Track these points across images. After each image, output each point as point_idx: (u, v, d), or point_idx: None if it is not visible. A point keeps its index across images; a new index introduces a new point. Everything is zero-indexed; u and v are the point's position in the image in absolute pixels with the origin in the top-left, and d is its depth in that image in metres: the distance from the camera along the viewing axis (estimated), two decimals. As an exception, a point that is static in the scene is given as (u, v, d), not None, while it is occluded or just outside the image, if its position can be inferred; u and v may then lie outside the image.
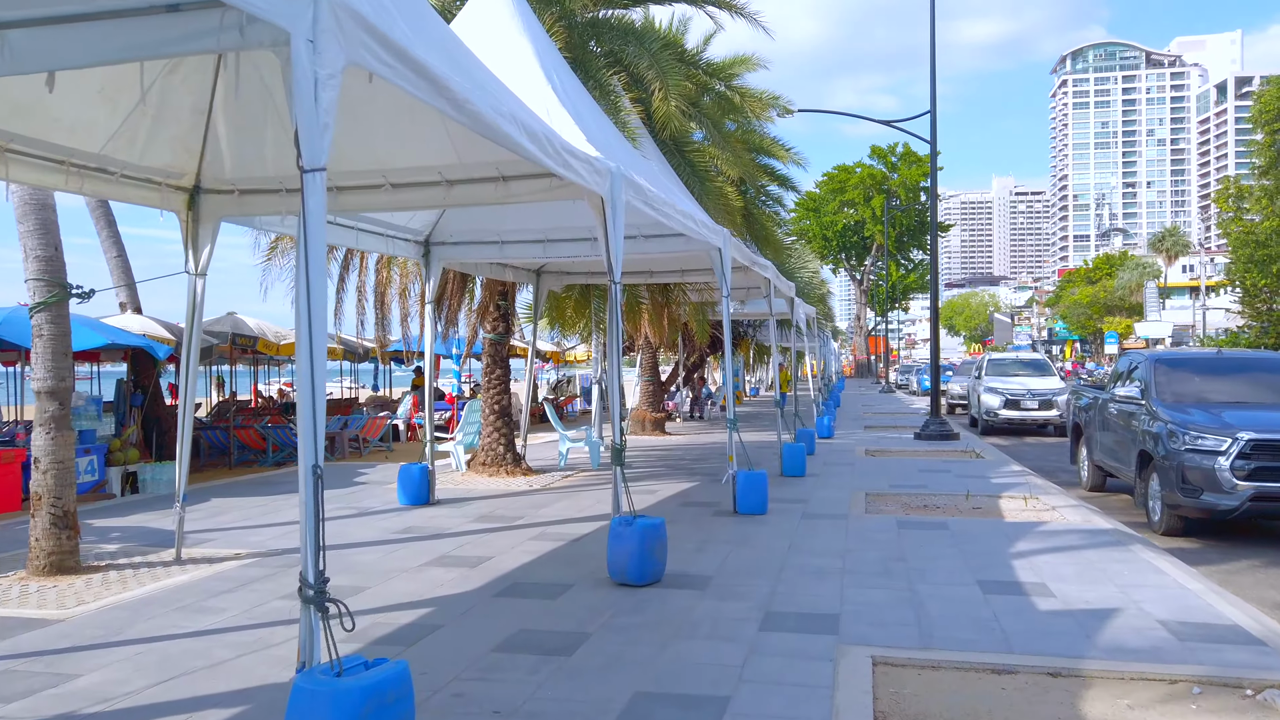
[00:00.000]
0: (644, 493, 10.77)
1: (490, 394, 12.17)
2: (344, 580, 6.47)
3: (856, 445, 17.05)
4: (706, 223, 8.96)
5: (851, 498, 10.34)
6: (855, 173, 79.73)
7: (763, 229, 18.46)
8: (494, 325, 12.21)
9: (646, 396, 19.64)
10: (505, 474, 11.96)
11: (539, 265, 12.85)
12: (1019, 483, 11.63)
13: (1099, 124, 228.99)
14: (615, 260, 6.42)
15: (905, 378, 53.85)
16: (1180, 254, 76.38)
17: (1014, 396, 21.01)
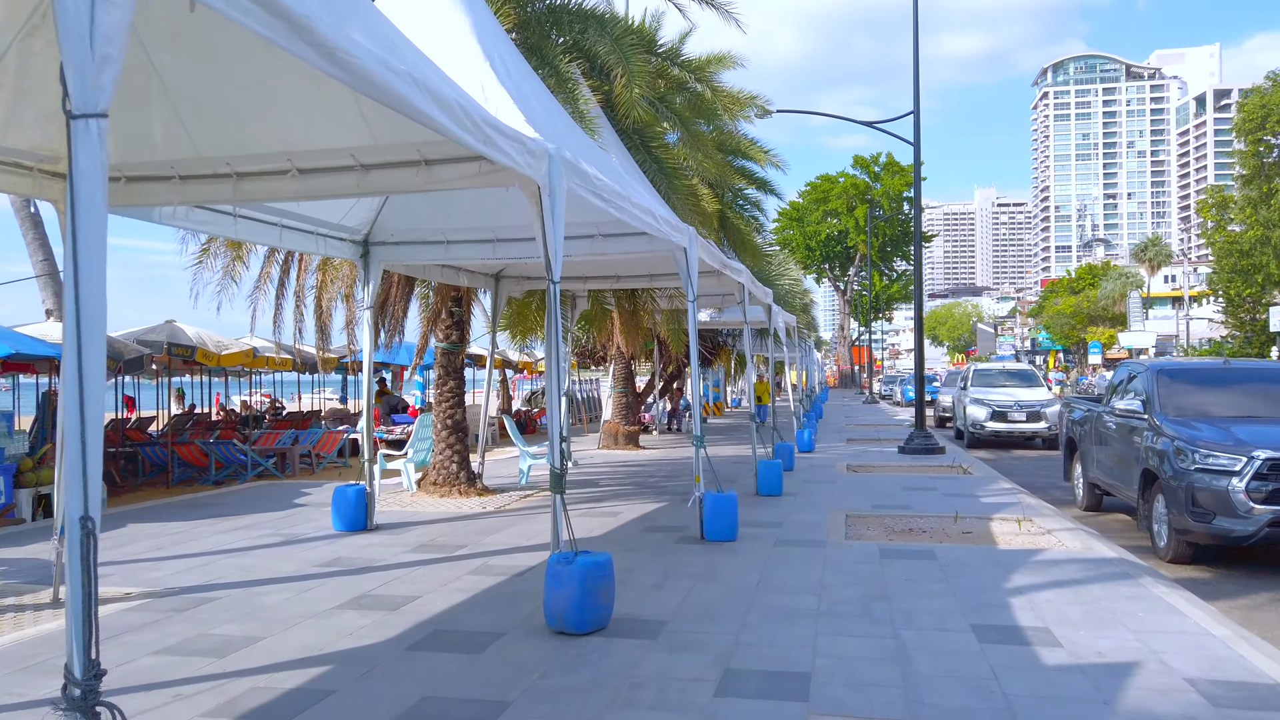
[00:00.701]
0: (605, 515, 9.90)
1: (442, 407, 11.27)
2: (238, 628, 5.56)
3: (838, 460, 16.24)
4: (670, 220, 8.13)
5: (830, 520, 9.50)
6: (838, 182, 79.38)
7: (740, 234, 17.67)
8: (446, 333, 11.32)
9: (619, 409, 18.77)
10: (458, 494, 11.05)
11: (497, 269, 11.99)
12: (1010, 502, 10.83)
13: (1080, 135, 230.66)
14: (554, 257, 5.57)
15: (889, 388, 53.25)
16: (1163, 264, 76.34)
17: (1001, 408, 20.28)
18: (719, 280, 11.77)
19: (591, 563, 5.38)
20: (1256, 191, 46.07)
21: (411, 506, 10.57)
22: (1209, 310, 64.23)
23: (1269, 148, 45.94)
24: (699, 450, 8.47)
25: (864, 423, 28.21)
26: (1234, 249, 49.05)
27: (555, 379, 5.70)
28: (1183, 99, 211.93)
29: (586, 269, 11.78)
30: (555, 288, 5.62)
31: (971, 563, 7.35)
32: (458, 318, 11.39)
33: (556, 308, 5.63)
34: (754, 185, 18.31)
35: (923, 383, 18.25)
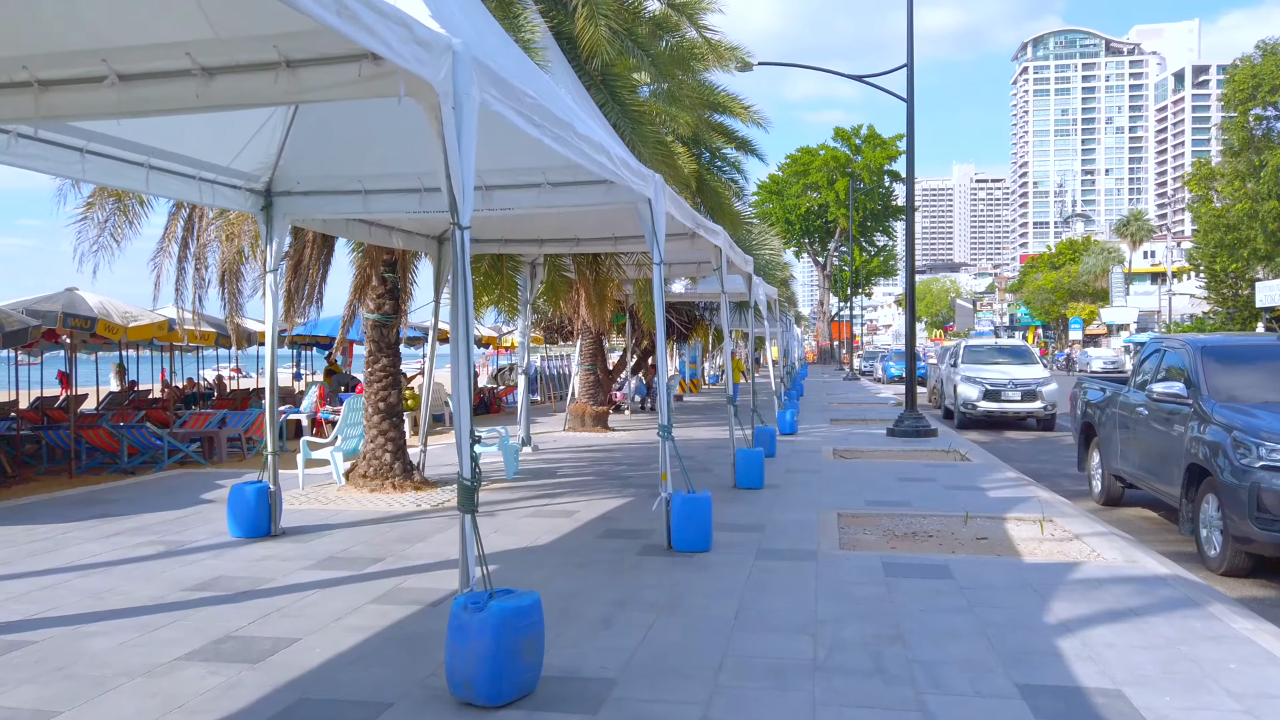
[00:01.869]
0: (558, 515, 8.48)
1: (374, 388, 9.79)
2: (32, 695, 4.10)
3: (823, 444, 14.90)
4: (630, 163, 6.65)
5: (821, 522, 8.13)
6: (819, 155, 77.86)
7: (718, 199, 16.17)
8: (378, 303, 9.81)
9: (586, 387, 17.33)
10: (391, 489, 9.59)
11: (439, 229, 10.46)
12: (1022, 497, 9.52)
13: (1059, 111, 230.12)
14: (461, 195, 4.12)
15: (869, 364, 52.16)
16: (1145, 239, 75.63)
17: (995, 387, 19.01)
18: (693, 244, 10.31)
19: (510, 610, 3.95)
20: (1245, 164, 45.10)
21: (334, 504, 9.10)
22: (1190, 286, 63.56)
23: (1259, 119, 44.90)
24: (666, 442, 7.05)
25: (847, 401, 26.94)
26: (1220, 223, 48.15)
27: (464, 350, 4.23)
28: (1161, 75, 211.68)
29: (539, 228, 10.28)
30: (463, 235, 4.17)
31: (997, 583, 5.99)
32: (391, 285, 9.87)
33: (463, 262, 4.17)
34: (734, 145, 16.80)
35: (914, 359, 16.93)
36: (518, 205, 7.46)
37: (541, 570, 6.36)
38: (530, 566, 6.48)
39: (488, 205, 7.42)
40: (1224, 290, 56.60)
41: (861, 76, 17.12)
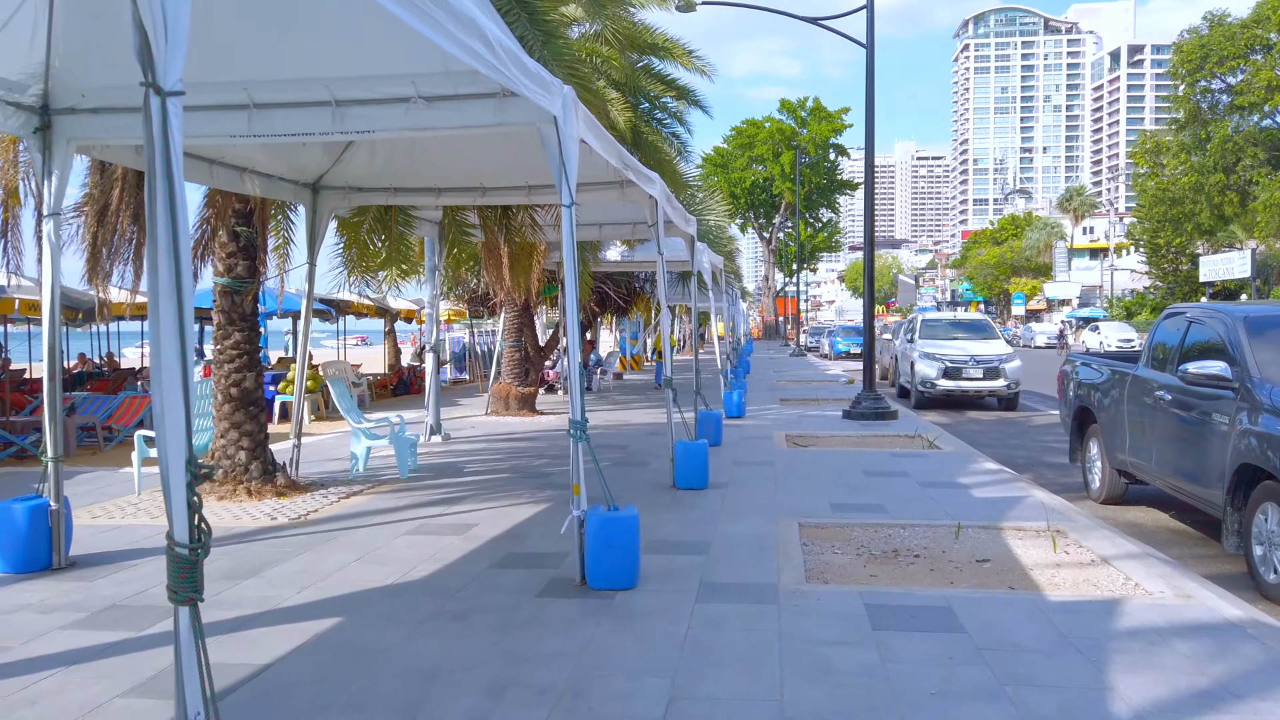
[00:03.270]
0: (449, 531, 6.68)
1: (223, 370, 7.84)
2: None
3: (774, 428, 13.30)
4: (523, 60, 4.80)
5: (779, 537, 6.47)
6: (764, 128, 76.37)
7: (657, 154, 14.38)
8: (228, 264, 7.84)
9: (511, 366, 15.47)
10: (246, 495, 7.68)
11: (314, 175, 8.51)
12: (1013, 496, 7.99)
13: (999, 89, 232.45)
14: (155, 29, 2.26)
15: (816, 340, 51.01)
16: (1087, 213, 75.83)
17: (955, 364, 17.62)
18: (623, 194, 8.53)
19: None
20: (1191, 137, 44.75)
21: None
22: (1131, 261, 63.79)
23: (1205, 91, 44.52)
24: (579, 444, 5.29)
25: (795, 378, 25.49)
26: (1165, 196, 47.87)
27: (174, 326, 2.39)
28: (1098, 54, 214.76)
29: (434, 172, 8.39)
30: (164, 104, 2.31)
31: (1025, 639, 4.38)
32: (245, 242, 7.91)
33: (164, 161, 2.32)
34: (674, 94, 14.99)
35: (872, 335, 15.40)
36: (381, 127, 5.57)
37: (399, 628, 4.57)
38: (385, 621, 4.68)
39: (340, 127, 5.52)
40: (1164, 265, 56.73)
41: (818, 19, 15.41)
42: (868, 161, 14.72)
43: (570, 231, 5.29)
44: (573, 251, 5.28)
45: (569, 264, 5.28)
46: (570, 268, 5.28)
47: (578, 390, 5.30)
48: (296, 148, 7.71)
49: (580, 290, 15.00)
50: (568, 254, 5.29)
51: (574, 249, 5.27)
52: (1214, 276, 46.90)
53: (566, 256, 5.30)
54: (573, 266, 5.26)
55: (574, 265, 5.25)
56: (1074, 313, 64.42)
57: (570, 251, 5.29)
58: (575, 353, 5.32)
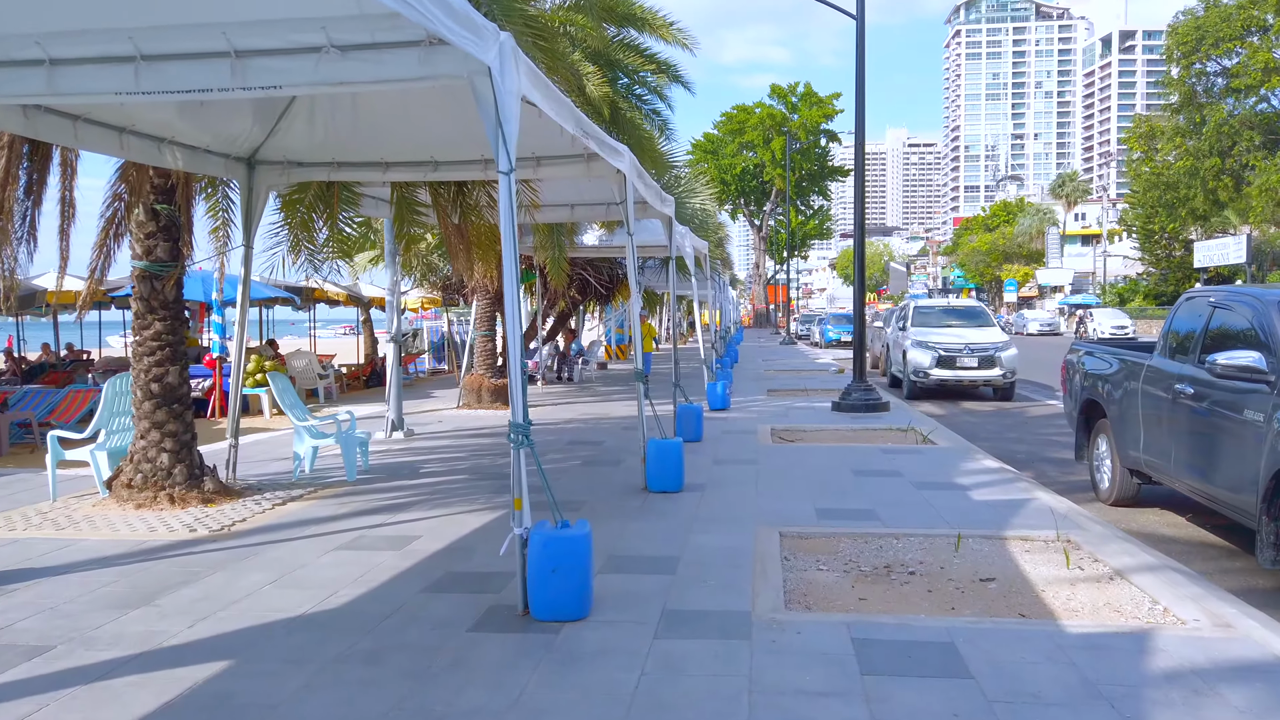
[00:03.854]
0: (385, 545, 5.92)
1: (142, 364, 7.06)
2: None
3: (759, 422, 12.58)
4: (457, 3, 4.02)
5: (757, 550, 5.73)
6: (754, 113, 75.47)
7: (636, 133, 13.60)
8: (147, 246, 7.05)
9: (484, 357, 14.70)
10: (168, 502, 6.91)
11: (247, 149, 7.71)
12: (1016, 499, 7.29)
13: (990, 75, 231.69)
14: None
15: (806, 328, 50.35)
16: (1080, 199, 75.20)
17: (949, 353, 16.92)
18: (588, 169, 7.76)
19: None
20: (1186, 120, 44.05)
21: (75, 528, 6.39)
22: (1124, 247, 63.25)
23: (1200, 74, 43.80)
24: (519, 452, 4.54)
25: (784, 367, 24.80)
26: (1159, 181, 47.19)
27: None
28: (1089, 40, 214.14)
29: (379, 144, 7.60)
30: None
31: (1044, 687, 3.66)
32: (166, 221, 7.11)
33: None
34: (654, 68, 14.18)
35: (863, 324, 14.68)
36: (289, 82, 4.79)
37: (296, 675, 3.82)
38: (282, 666, 3.93)
39: (242, 82, 4.74)
40: (1157, 251, 56.18)
41: (804, -10, 14.59)
42: (858, 140, 13.96)
43: (509, 203, 4.53)
44: (511, 226, 4.52)
45: (507, 241, 4.52)
46: (509, 244, 4.51)
47: (518, 387, 4.54)
48: (222, 116, 6.92)
49: (555, 276, 14.26)
50: (505, 229, 4.53)
51: (513, 223, 4.51)
52: (1208, 262, 46.34)
53: (505, 231, 4.53)
54: (511, 242, 4.49)
55: (513, 241, 4.49)
56: (1066, 299, 63.84)
57: (509, 226, 4.52)
58: (516, 344, 4.56)
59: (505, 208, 4.53)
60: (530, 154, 7.71)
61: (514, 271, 4.54)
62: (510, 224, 4.52)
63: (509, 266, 4.52)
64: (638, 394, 7.90)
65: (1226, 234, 46.44)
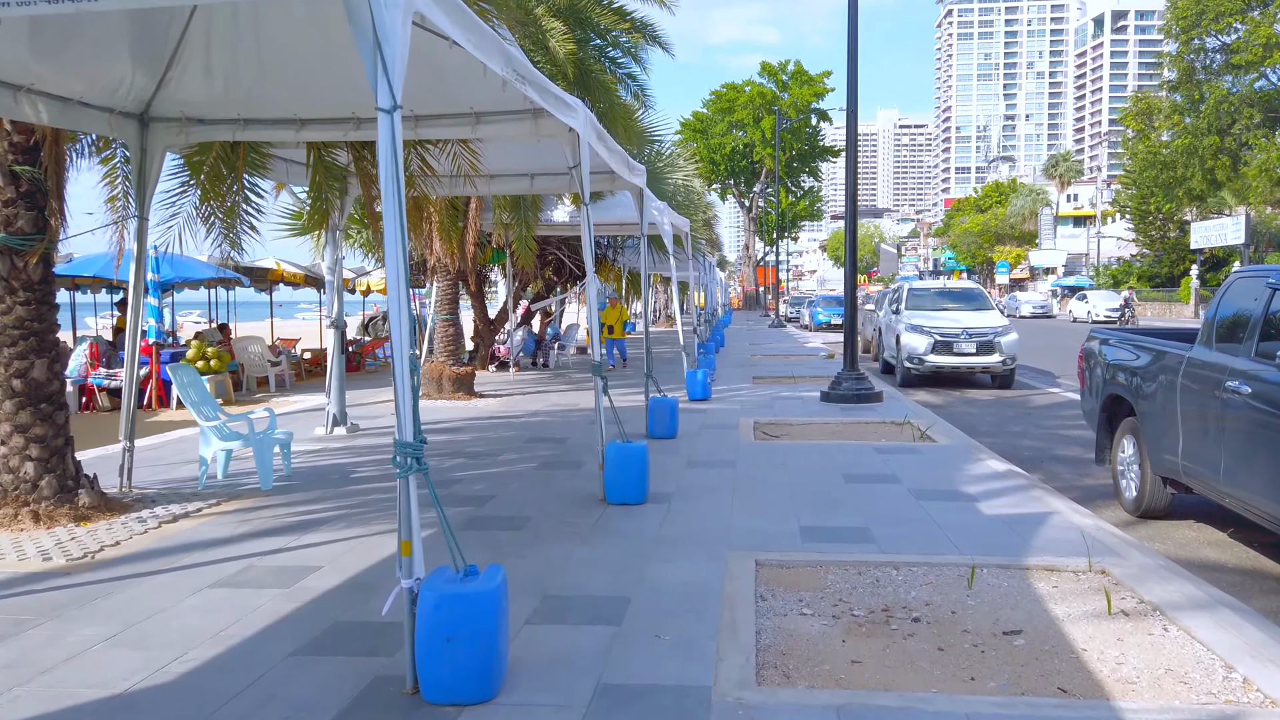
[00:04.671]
0: (274, 580, 4.84)
1: (2, 356, 5.93)
2: None
3: (742, 414, 11.54)
4: None
5: (727, 591, 4.67)
6: (744, 92, 74.15)
7: (608, 97, 12.48)
8: (4, 216, 5.91)
9: (445, 343, 13.59)
10: (32, 520, 5.81)
11: (140, 103, 6.57)
12: (1033, 512, 6.25)
13: (982, 55, 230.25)
14: None
15: (796, 310, 49.33)
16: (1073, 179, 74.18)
17: (946, 338, 15.89)
18: (536, 126, 6.66)
19: None
20: (1185, 98, 42.96)
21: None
22: (1118, 228, 62.31)
23: (1200, 50, 42.67)
24: (410, 479, 3.45)
25: (772, 352, 23.76)
26: (1157, 160, 46.15)
27: None
28: (1082, 20, 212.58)
29: (288, 97, 6.47)
30: None
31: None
32: (29, 186, 5.97)
33: None
34: (627, 26, 13.00)
35: (854, 308, 13.61)
36: None
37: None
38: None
39: None
40: (1152, 232, 55.25)
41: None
42: (850, 114, 12.85)
43: (390, 151, 3.42)
44: (393, 182, 3.41)
45: (388, 193, 3.42)
46: (390, 196, 3.41)
47: (406, 396, 3.45)
48: (90, 57, 5.79)
49: (522, 255, 13.14)
50: (386, 185, 3.42)
51: (395, 168, 3.41)
52: (1205, 243, 45.46)
53: (385, 188, 3.43)
54: (393, 194, 3.39)
55: (395, 192, 3.39)
56: (1059, 281, 62.95)
57: (390, 182, 3.42)
58: (402, 333, 3.46)
59: (386, 155, 3.42)
60: (467, 108, 6.60)
61: (397, 238, 3.44)
62: (391, 179, 3.42)
63: (391, 223, 3.42)
64: (596, 391, 6.81)
65: (1222, 215, 45.52)
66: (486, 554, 5.31)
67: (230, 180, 6.64)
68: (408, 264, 3.48)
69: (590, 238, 6.67)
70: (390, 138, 3.42)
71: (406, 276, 3.47)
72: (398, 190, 3.43)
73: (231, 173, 6.65)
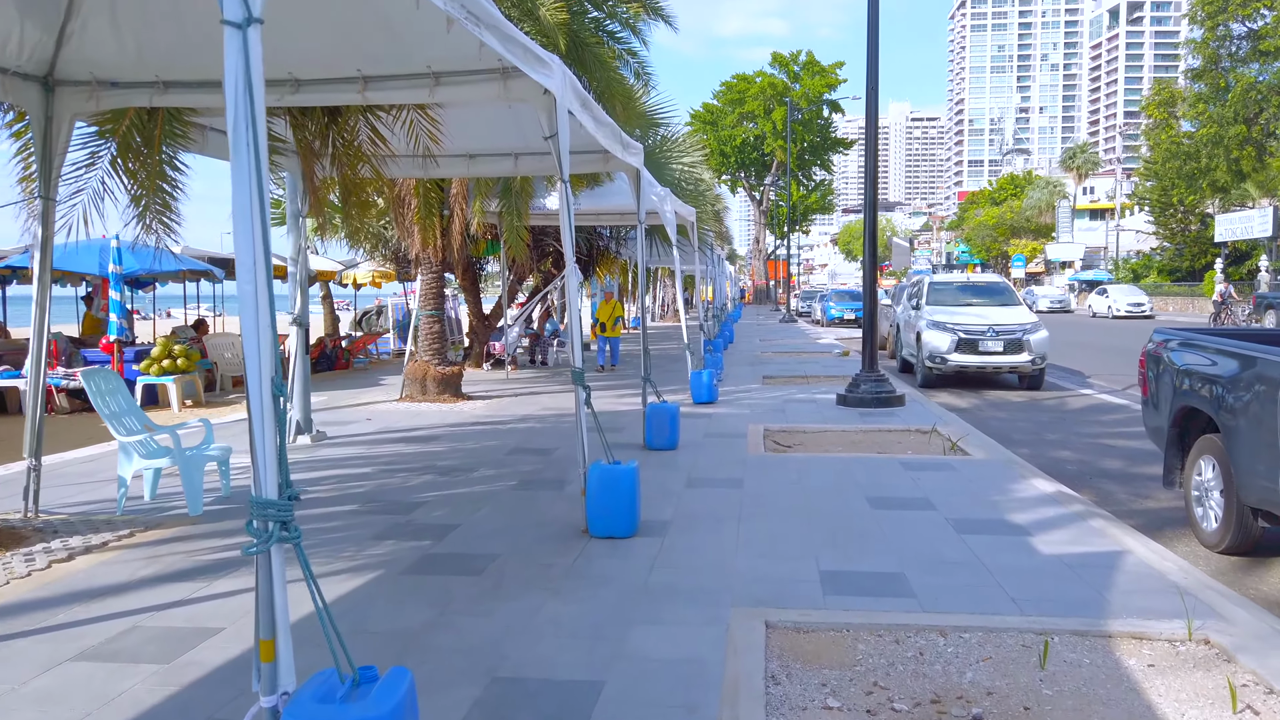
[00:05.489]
0: (158, 651, 3.82)
1: None
2: None
3: (751, 419, 10.49)
4: None
5: (729, 673, 3.62)
6: (755, 82, 72.93)
7: (605, 73, 11.40)
8: None
9: (429, 341, 12.56)
10: (-110, 564, 4.80)
11: (40, 65, 5.55)
12: (1101, 551, 5.19)
13: (996, 47, 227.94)
14: None
15: (808, 304, 48.15)
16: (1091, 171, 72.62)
17: (971, 335, 14.78)
18: (506, 89, 5.62)
19: None
20: (1209, 86, 41.53)
21: None
22: (1137, 221, 60.84)
23: (1225, 36, 41.20)
24: (274, 550, 2.41)
25: (783, 348, 22.68)
26: (1180, 150, 44.75)
27: None
28: (1096, 11, 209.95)
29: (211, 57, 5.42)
30: None
31: None
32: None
33: None
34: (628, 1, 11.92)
35: (874, 304, 12.51)
36: None
37: None
38: None
39: None
40: (1173, 225, 53.79)
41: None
42: (871, 96, 11.75)
43: (240, 69, 2.39)
44: (246, 109, 2.38)
45: (239, 139, 2.38)
46: (242, 144, 2.37)
47: (267, 433, 2.42)
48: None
49: (513, 245, 12.10)
50: (234, 116, 2.39)
51: (249, 105, 2.37)
52: (1230, 236, 44.05)
53: (233, 119, 2.39)
54: (245, 140, 2.36)
55: (250, 141, 2.36)
56: (1077, 275, 61.54)
57: (240, 109, 2.38)
58: (260, 347, 2.42)
59: (234, 86, 2.38)
60: (424, 68, 5.55)
61: (251, 205, 2.40)
62: (239, 107, 2.38)
63: (242, 202, 2.38)
64: (576, 403, 5.77)
65: (1245, 207, 44.11)
66: (428, 611, 4.28)
67: (146, 154, 5.62)
68: (267, 238, 2.44)
69: (570, 219, 5.62)
70: (242, 62, 2.38)
71: (267, 260, 2.43)
72: (252, 137, 2.38)
73: (149, 145, 5.62)
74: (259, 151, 2.39)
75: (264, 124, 2.42)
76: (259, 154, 2.39)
